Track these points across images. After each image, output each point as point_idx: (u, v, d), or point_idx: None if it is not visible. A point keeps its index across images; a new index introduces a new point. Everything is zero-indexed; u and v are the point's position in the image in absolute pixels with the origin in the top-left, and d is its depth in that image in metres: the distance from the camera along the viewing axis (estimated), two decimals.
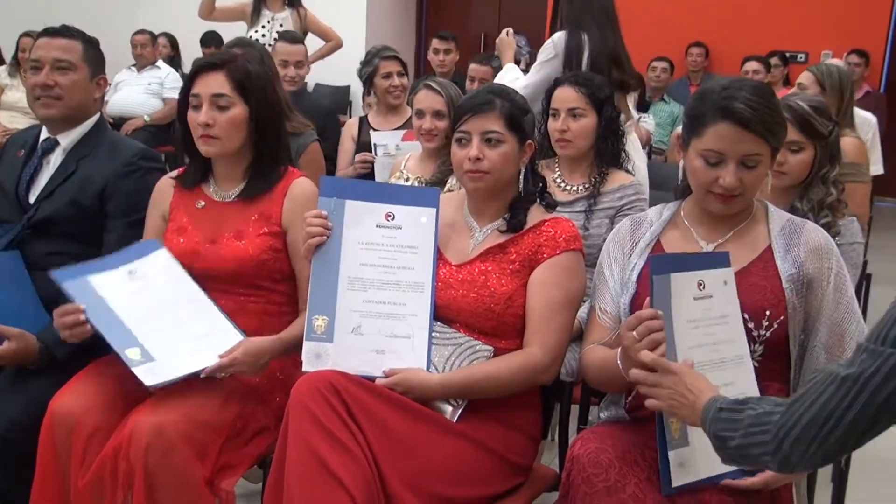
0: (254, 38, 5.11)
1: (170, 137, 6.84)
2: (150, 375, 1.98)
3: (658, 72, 7.23)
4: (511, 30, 4.10)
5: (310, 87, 8.25)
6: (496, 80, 3.59)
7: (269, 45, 4.62)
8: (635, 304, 1.94)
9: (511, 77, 3.74)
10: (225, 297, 2.24)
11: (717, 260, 1.84)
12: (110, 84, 6.32)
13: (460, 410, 1.99)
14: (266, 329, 2.23)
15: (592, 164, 2.95)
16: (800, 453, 1.37)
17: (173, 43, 7.96)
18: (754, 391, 1.79)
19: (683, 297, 1.75)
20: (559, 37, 3.58)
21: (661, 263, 1.77)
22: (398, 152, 3.64)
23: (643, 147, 4.28)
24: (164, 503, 1.93)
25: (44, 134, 2.52)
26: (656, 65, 7.26)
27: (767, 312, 1.85)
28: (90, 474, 1.96)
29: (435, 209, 2.10)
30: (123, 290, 2.13)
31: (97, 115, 2.55)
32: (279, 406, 2.13)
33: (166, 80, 6.97)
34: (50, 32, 2.49)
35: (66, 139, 2.48)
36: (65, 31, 2.49)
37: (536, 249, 2.07)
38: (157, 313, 2.11)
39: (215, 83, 2.21)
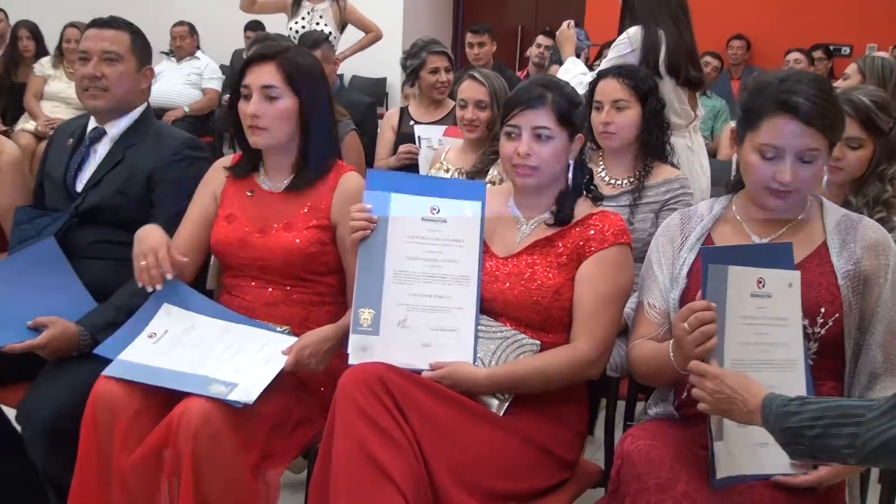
0: (293, 29, 5.14)
1: (209, 128, 6.88)
2: (244, 394, 1.97)
3: (709, 69, 7.14)
4: (572, 22, 4.04)
5: (346, 79, 8.28)
6: (559, 75, 3.53)
7: None
8: (685, 300, 1.91)
9: (577, 72, 3.69)
10: (271, 287, 2.26)
11: (777, 252, 1.79)
12: None
13: (507, 404, 1.98)
14: (310, 319, 2.24)
15: (637, 158, 2.91)
16: (886, 455, 1.36)
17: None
18: None
19: (740, 292, 1.71)
20: (635, 31, 3.52)
21: (714, 255, 1.74)
22: (441, 146, 3.63)
23: None
24: (210, 491, 1.94)
25: (91, 123, 2.54)
26: (709, 60, 7.17)
27: (822, 310, 1.81)
28: (135, 458, 1.97)
29: (481, 202, 2.08)
30: (156, 352, 2.11)
31: (144, 105, 2.57)
32: (323, 397, 2.14)
33: (206, 70, 7.00)
34: (98, 24, 2.51)
35: (114, 129, 2.51)
36: (112, 23, 2.51)
37: (584, 243, 2.05)
38: (205, 355, 2.10)
39: (266, 75, 2.21)
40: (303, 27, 5.09)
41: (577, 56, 3.97)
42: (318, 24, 5.13)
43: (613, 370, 2.24)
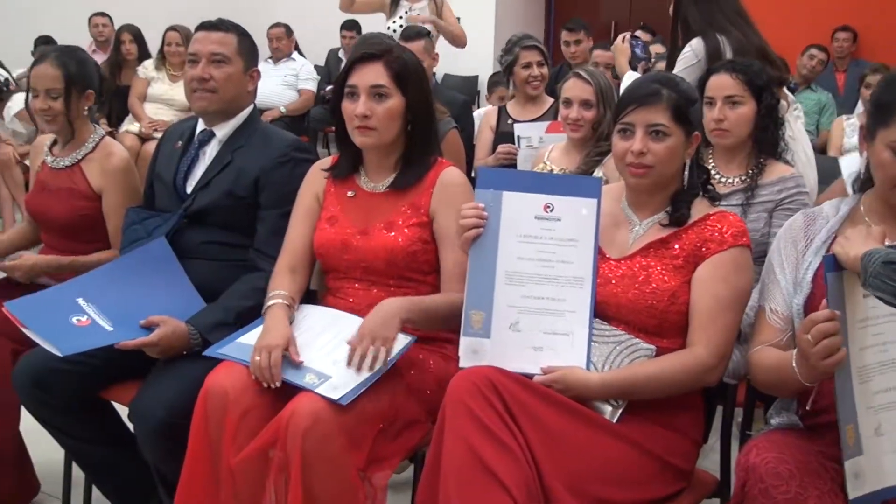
0: (391, 28, 5.15)
1: (304, 128, 6.97)
2: (334, 391, 1.97)
3: (815, 62, 6.96)
4: (628, 35, 4.04)
5: (438, 77, 8.28)
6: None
7: None
8: (810, 305, 1.82)
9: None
10: (375, 288, 2.24)
11: None
12: None
13: (620, 411, 1.92)
14: None
15: (750, 155, 2.81)
16: None
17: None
18: None
19: (854, 296, 1.64)
20: (697, 42, 3.46)
21: (836, 262, 1.66)
22: (541, 145, 3.59)
23: None
24: (319, 492, 1.94)
25: (200, 126, 2.57)
26: (815, 53, 7.00)
27: None
28: (243, 456, 1.98)
29: (596, 200, 2.01)
30: None
31: (251, 107, 2.59)
32: (430, 399, 2.11)
33: (301, 71, 7.10)
34: (206, 26, 2.54)
35: (222, 131, 2.53)
36: (220, 25, 2.54)
37: (702, 245, 1.98)
38: (310, 343, 2.12)
39: (374, 74, 2.19)
40: (400, 26, 5.10)
41: (635, 68, 3.94)
42: (400, 27, 5.13)
43: (729, 376, 2.15)
